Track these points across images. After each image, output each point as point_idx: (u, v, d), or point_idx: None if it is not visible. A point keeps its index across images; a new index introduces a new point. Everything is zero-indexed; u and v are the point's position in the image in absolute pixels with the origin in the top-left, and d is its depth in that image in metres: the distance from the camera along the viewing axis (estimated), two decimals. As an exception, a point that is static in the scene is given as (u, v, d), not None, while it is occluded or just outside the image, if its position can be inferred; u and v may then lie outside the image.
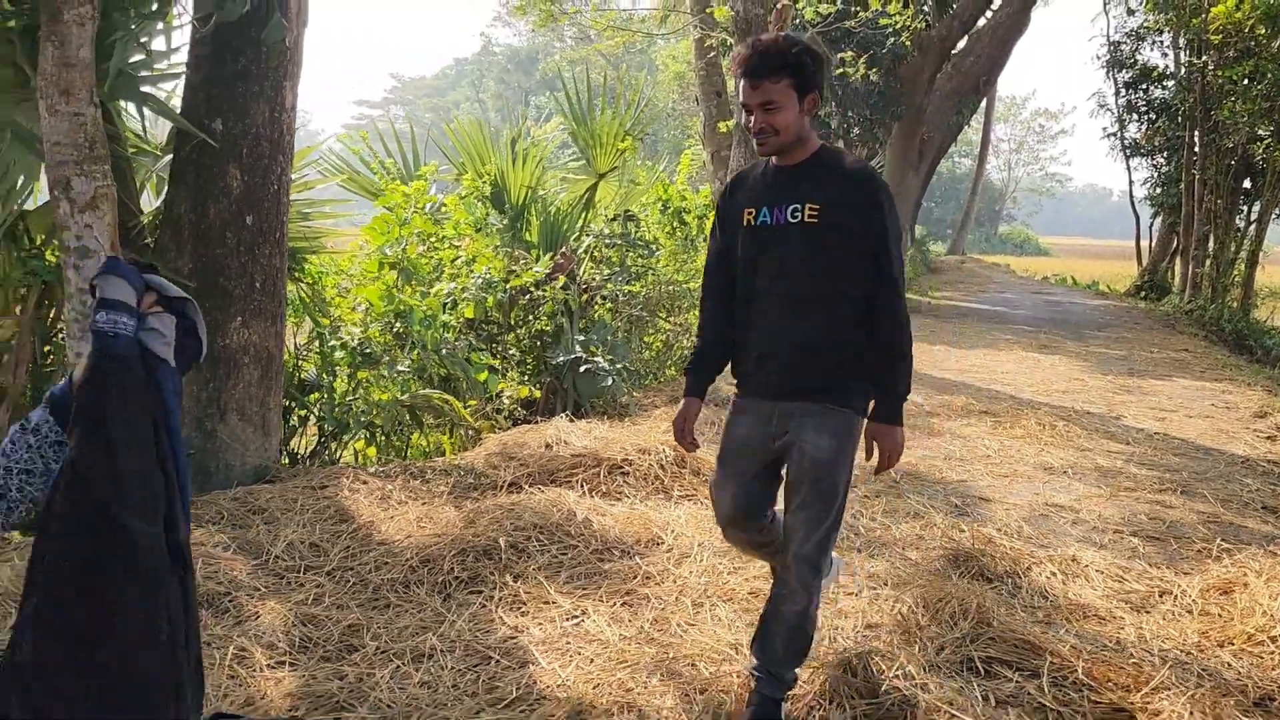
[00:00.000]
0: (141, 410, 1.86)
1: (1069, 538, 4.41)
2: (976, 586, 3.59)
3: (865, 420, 2.61)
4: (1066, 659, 2.97)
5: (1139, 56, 20.48)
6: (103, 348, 1.79)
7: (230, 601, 3.30)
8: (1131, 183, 22.69)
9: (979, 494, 5.11)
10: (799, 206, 2.53)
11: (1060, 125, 64.24)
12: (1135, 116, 20.93)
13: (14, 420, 4.76)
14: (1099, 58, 21.05)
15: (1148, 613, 3.53)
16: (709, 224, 9.65)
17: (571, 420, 5.83)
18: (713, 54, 12.91)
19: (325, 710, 2.65)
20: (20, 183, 4.85)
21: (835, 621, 3.29)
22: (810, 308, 2.54)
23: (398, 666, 2.90)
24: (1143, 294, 20.55)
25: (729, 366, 2.81)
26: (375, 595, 3.44)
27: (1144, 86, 20.30)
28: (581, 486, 4.66)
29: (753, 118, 2.53)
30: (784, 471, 2.65)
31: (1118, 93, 21.17)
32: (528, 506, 4.20)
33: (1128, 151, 21.55)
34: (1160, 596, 3.68)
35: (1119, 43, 20.66)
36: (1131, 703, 2.74)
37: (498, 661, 2.96)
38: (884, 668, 2.87)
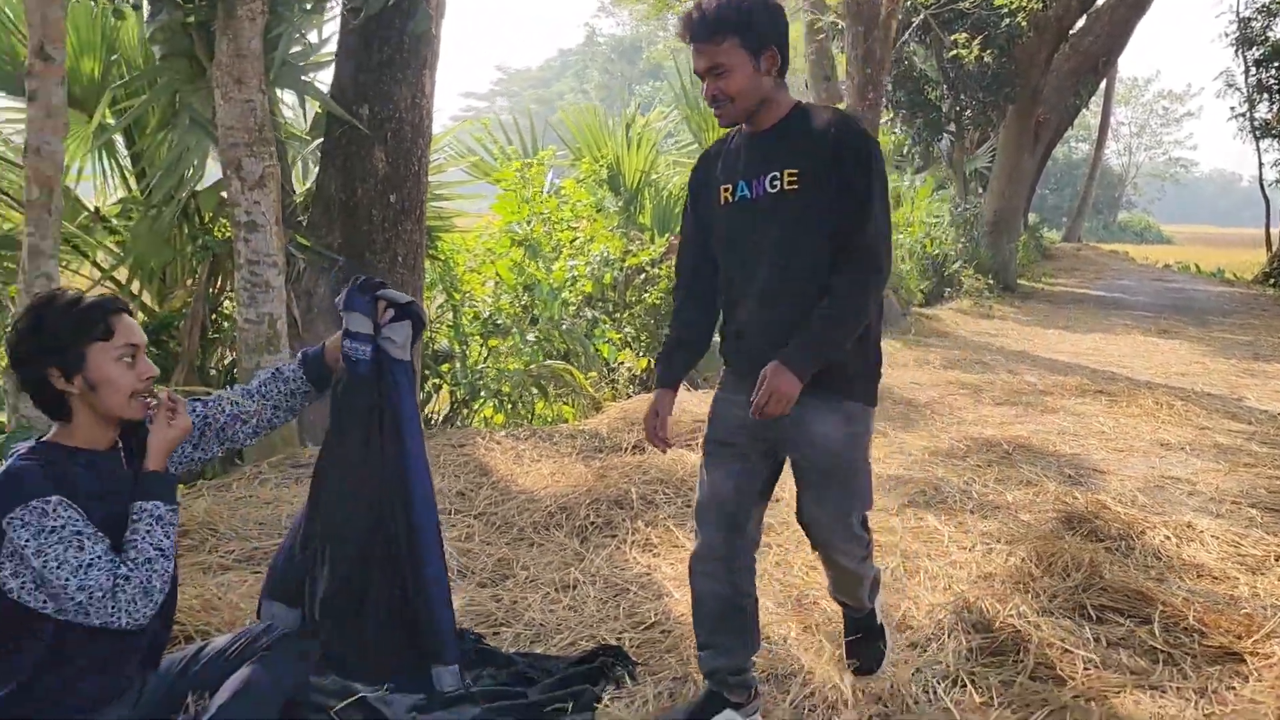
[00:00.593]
0: (365, 409, 2.40)
1: (1185, 507, 4.46)
2: (1089, 545, 3.70)
3: (872, 409, 2.41)
4: (1178, 609, 3.08)
5: (1270, 33, 19.64)
6: (349, 369, 2.36)
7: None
8: (1261, 165, 21.79)
9: (1093, 466, 5.17)
10: (777, 175, 2.26)
11: (1185, 108, 61.20)
12: (1266, 96, 20.09)
13: (187, 381, 5.27)
14: (1227, 35, 20.29)
15: (1262, 574, 3.59)
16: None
17: (689, 390, 6.08)
18: (821, 37, 12.98)
19: (487, 625, 2.98)
20: (194, 165, 5.34)
21: (949, 571, 3.47)
22: (800, 293, 2.26)
23: (546, 593, 3.21)
24: (1272, 281, 19.72)
25: (717, 345, 2.57)
26: (520, 535, 3.77)
27: (1276, 64, 19.46)
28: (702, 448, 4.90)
29: (705, 85, 2.29)
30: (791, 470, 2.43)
31: (1247, 71, 20.38)
32: (653, 464, 4.48)
33: (1257, 133, 20.70)
34: (1276, 560, 3.72)
35: (1249, 19, 19.87)
36: (1242, 647, 2.85)
37: (635, 593, 3.24)
38: (998, 609, 3.04)
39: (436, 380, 6.25)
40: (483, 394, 6.15)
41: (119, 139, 6.12)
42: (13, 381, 4.20)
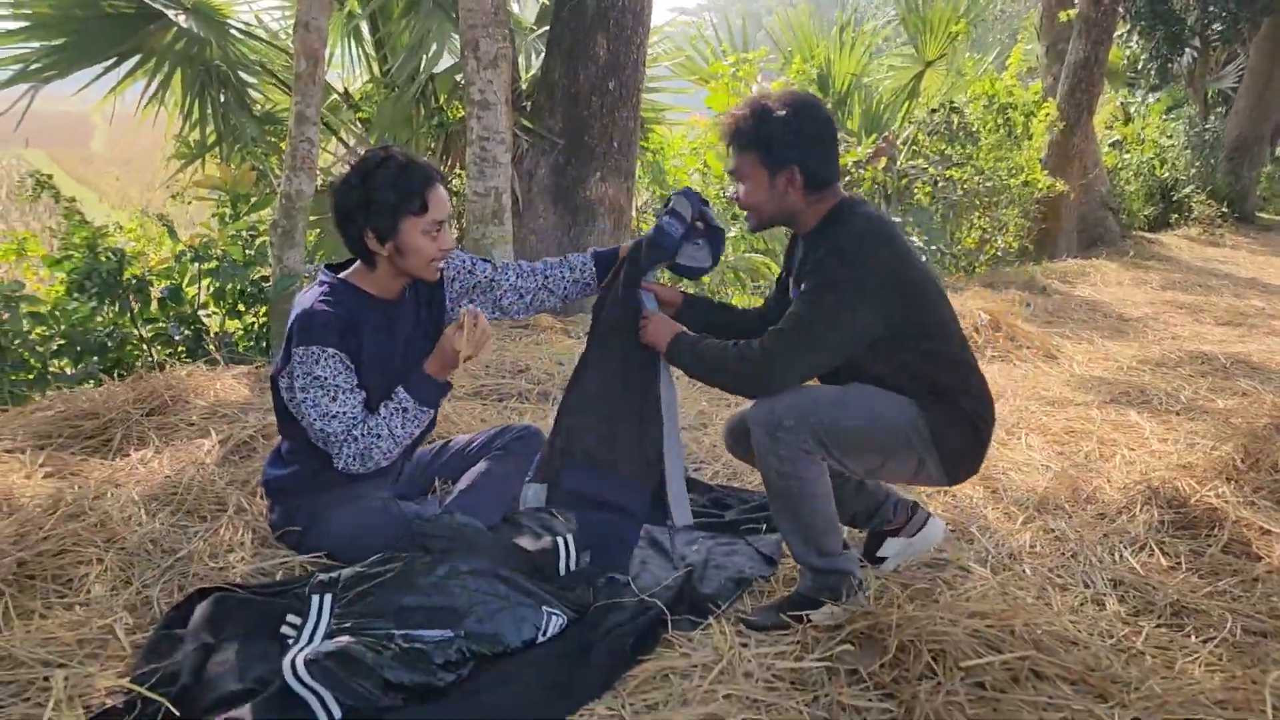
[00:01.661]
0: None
1: None
2: (1304, 449, 3.58)
3: (940, 425, 2.17)
4: (1396, 510, 2.98)
5: None
6: (657, 239, 2.41)
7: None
8: None
9: (1319, 386, 4.89)
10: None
11: None
12: None
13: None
14: None
15: None
16: (1035, 122, 9.36)
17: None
18: (1057, -62, 12.17)
19: (690, 462, 3.25)
20: (433, 49, 5.75)
21: (1147, 459, 3.45)
22: (874, 378, 2.21)
23: (743, 441, 3.45)
24: None
25: None
26: (718, 396, 4.01)
27: None
28: (898, 339, 4.99)
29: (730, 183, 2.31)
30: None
31: None
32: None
33: None
34: None
35: None
36: None
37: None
38: (1195, 488, 3.03)
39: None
40: (684, 281, 6.38)
41: (364, 26, 6.63)
42: (278, 235, 4.75)
